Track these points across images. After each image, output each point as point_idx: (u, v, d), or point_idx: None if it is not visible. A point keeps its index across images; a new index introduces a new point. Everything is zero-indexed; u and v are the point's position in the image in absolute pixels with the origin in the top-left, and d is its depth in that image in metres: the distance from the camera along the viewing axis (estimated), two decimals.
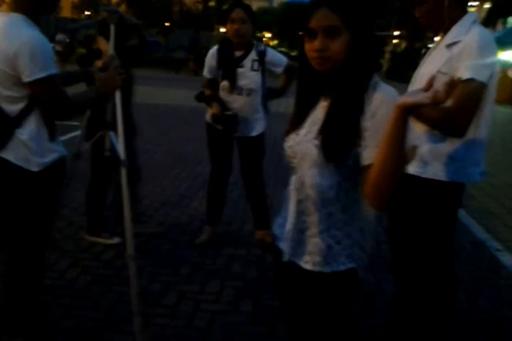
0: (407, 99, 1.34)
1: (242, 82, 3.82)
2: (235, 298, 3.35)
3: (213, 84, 3.93)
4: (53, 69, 2.13)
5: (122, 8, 3.94)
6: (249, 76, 3.83)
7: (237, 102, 3.85)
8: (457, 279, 2.71)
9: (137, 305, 2.84)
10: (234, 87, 3.82)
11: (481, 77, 2.21)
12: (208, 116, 4.02)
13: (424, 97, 1.30)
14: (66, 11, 42.12)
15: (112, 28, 2.78)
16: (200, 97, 4.02)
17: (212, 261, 3.89)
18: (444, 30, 2.42)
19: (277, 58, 3.97)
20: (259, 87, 3.88)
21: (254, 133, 3.99)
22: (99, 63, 3.17)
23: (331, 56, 1.50)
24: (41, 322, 2.82)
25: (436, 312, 2.61)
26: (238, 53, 3.84)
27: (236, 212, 4.98)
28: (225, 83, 3.85)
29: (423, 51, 2.82)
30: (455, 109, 2.21)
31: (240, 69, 3.81)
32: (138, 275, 3.41)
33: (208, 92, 3.95)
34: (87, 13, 43.81)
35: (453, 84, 1.27)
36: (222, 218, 4.36)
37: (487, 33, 2.36)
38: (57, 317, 2.99)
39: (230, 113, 3.82)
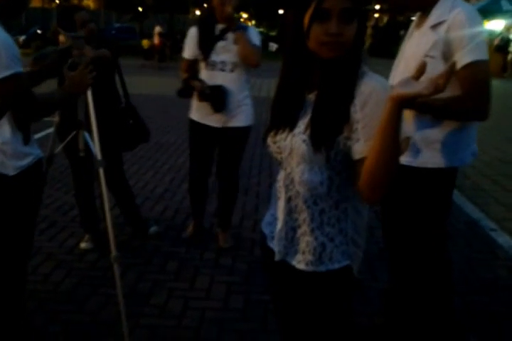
0: (402, 90, 1.25)
1: (225, 56, 3.61)
2: (225, 293, 3.27)
3: (193, 65, 3.73)
4: (18, 68, 2.02)
5: None
6: (232, 49, 3.60)
7: (221, 79, 3.61)
8: (452, 262, 2.64)
9: (123, 307, 2.75)
10: (207, 59, 3.60)
11: (482, 55, 2.15)
12: (192, 113, 3.81)
13: (423, 88, 1.22)
14: (36, 1, 41.12)
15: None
16: (183, 92, 3.71)
17: (200, 256, 3.80)
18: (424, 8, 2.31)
19: (256, 38, 3.68)
20: (243, 64, 3.64)
21: (240, 123, 3.72)
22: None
23: (344, 42, 1.39)
24: (27, 329, 2.71)
25: (432, 297, 2.56)
26: (221, 26, 3.63)
27: None
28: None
29: (402, 32, 2.70)
30: (475, 95, 2.17)
31: (222, 42, 3.60)
32: (125, 275, 3.33)
33: (184, 76, 3.71)
34: (57, 1, 42.79)
35: (451, 72, 1.20)
36: (208, 210, 4.26)
37: (470, 7, 2.26)
38: (44, 323, 2.91)
39: (215, 85, 3.58)
